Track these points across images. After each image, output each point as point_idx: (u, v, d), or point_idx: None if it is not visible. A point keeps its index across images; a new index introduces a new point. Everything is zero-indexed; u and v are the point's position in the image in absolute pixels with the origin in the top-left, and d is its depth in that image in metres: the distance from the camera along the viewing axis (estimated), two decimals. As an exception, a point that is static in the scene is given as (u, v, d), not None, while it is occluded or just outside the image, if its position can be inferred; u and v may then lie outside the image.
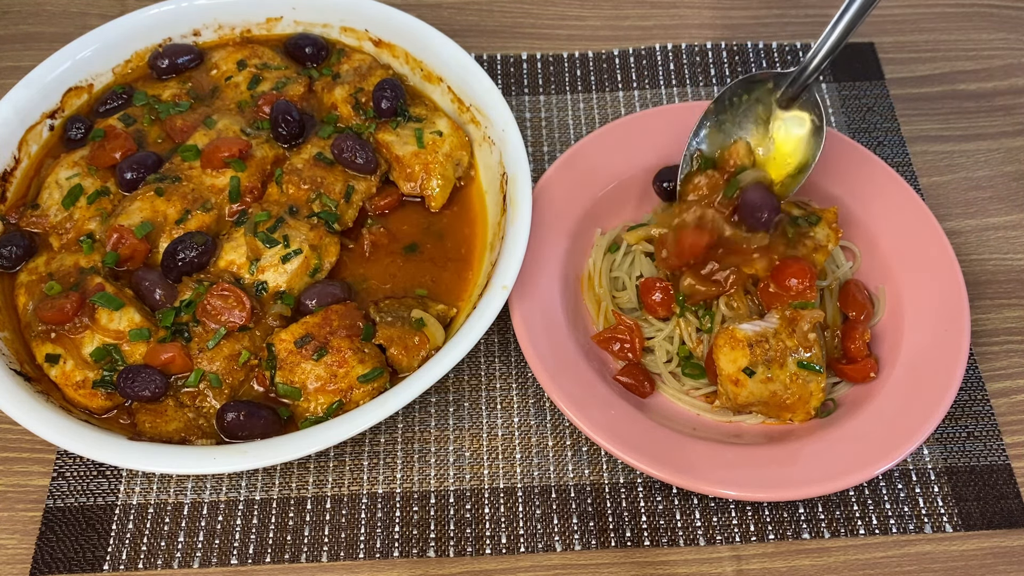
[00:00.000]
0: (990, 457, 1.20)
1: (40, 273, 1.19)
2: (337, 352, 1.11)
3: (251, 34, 1.45)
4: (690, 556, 1.13)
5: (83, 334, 1.12)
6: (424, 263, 1.26)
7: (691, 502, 1.16)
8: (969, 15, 1.65)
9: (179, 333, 1.14)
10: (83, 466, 1.18)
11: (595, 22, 1.64)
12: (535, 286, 1.21)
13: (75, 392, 1.11)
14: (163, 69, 1.38)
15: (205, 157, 1.25)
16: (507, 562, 1.13)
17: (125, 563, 1.12)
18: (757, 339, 1.13)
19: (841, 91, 1.54)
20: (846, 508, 1.16)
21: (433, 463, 1.19)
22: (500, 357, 1.28)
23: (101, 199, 1.24)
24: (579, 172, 1.32)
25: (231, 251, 1.20)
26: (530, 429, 1.22)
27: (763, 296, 1.19)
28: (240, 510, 1.16)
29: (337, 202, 1.25)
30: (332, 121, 1.34)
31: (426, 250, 1.27)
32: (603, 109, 1.53)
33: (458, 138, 1.32)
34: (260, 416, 1.09)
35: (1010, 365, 1.28)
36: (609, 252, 1.31)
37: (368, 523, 1.15)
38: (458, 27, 1.63)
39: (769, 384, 1.13)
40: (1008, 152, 1.49)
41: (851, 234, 1.31)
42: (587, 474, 1.18)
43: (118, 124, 1.31)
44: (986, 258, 1.37)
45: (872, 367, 1.18)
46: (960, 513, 1.16)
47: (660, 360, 1.23)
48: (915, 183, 1.44)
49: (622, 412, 1.13)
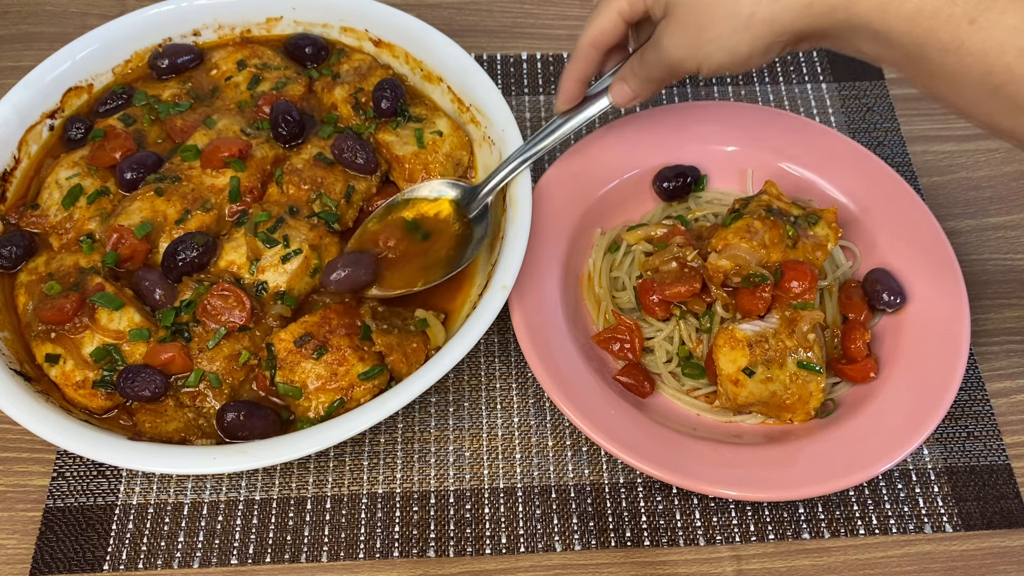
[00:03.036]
0: (990, 457, 1.20)
1: (40, 273, 1.19)
2: (337, 351, 1.11)
3: (251, 34, 1.45)
4: (690, 556, 1.13)
5: (83, 334, 1.12)
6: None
7: (691, 502, 1.16)
8: (969, 15, 1.65)
9: (179, 333, 1.14)
10: (83, 466, 1.18)
11: (595, 22, 1.64)
12: (535, 286, 1.21)
13: (75, 392, 1.11)
14: (163, 69, 1.38)
15: (205, 157, 1.25)
16: (507, 562, 1.13)
17: (125, 563, 1.12)
18: (757, 339, 1.13)
19: (841, 91, 1.54)
20: (846, 508, 1.16)
21: (433, 463, 1.19)
22: (500, 357, 1.28)
23: (101, 199, 1.24)
24: (579, 172, 1.32)
25: (231, 251, 1.20)
26: (530, 429, 1.22)
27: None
28: (240, 510, 1.16)
29: (337, 202, 1.25)
30: (332, 121, 1.34)
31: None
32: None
33: (458, 138, 1.32)
34: (260, 416, 1.09)
35: (1010, 365, 1.28)
36: (609, 252, 1.31)
37: (368, 523, 1.15)
38: (458, 27, 1.63)
39: (769, 384, 1.13)
40: (1008, 152, 1.49)
41: (851, 234, 1.31)
42: (587, 474, 1.18)
43: (118, 124, 1.31)
44: (986, 258, 1.37)
45: (872, 367, 1.18)
46: (960, 513, 1.16)
47: (660, 360, 1.23)
48: (915, 183, 1.44)
49: (622, 412, 1.13)
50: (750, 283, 1.16)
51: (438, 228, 1.25)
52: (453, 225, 1.24)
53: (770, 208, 1.20)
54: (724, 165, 1.37)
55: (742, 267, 1.16)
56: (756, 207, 1.21)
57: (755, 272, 1.16)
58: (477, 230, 1.24)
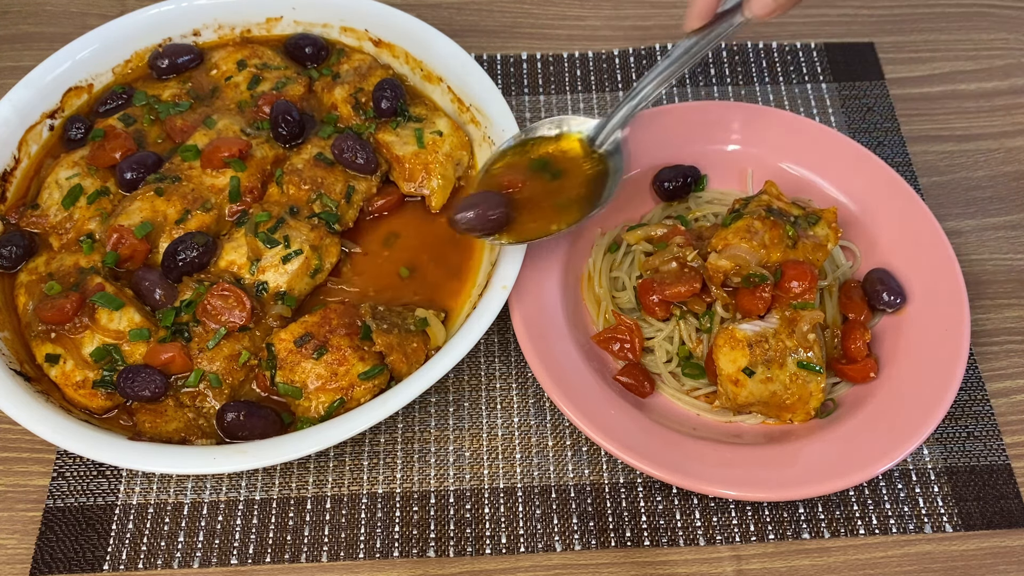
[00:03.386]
0: (990, 457, 1.20)
1: (40, 273, 1.19)
2: (337, 350, 1.11)
3: (251, 34, 1.45)
4: (690, 556, 1.13)
5: (83, 334, 1.12)
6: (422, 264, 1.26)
7: (691, 502, 1.16)
8: (969, 15, 1.65)
9: (179, 333, 1.14)
10: (83, 466, 1.18)
11: (595, 22, 1.64)
12: (535, 286, 1.21)
13: (75, 392, 1.11)
14: (163, 69, 1.38)
15: (205, 157, 1.25)
16: (507, 562, 1.13)
17: (125, 563, 1.12)
18: (757, 339, 1.13)
19: (841, 91, 1.54)
20: (846, 508, 1.16)
21: (433, 463, 1.19)
22: (500, 357, 1.28)
23: (101, 199, 1.24)
24: (579, 172, 1.32)
25: (231, 251, 1.20)
26: (530, 429, 1.22)
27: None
28: (240, 510, 1.16)
29: (338, 202, 1.25)
30: (332, 121, 1.34)
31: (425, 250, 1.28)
32: (603, 109, 1.52)
33: (458, 138, 1.32)
34: (260, 416, 1.09)
35: (1010, 365, 1.28)
36: (609, 252, 1.31)
37: (368, 523, 1.15)
38: (458, 27, 1.63)
39: (769, 384, 1.13)
40: (1008, 152, 1.49)
41: (851, 234, 1.31)
42: (587, 474, 1.18)
43: (118, 124, 1.31)
44: (986, 258, 1.37)
45: (872, 367, 1.18)
46: (960, 513, 1.16)
47: (660, 360, 1.23)
48: (915, 183, 1.44)
49: (622, 412, 1.13)
50: (750, 283, 1.16)
51: (568, 167, 1.16)
52: (583, 163, 1.16)
53: (770, 208, 1.20)
54: (724, 165, 1.37)
55: (742, 267, 1.16)
56: (756, 207, 1.21)
57: (755, 272, 1.16)
58: (613, 162, 1.15)
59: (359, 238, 1.28)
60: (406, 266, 1.26)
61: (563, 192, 1.15)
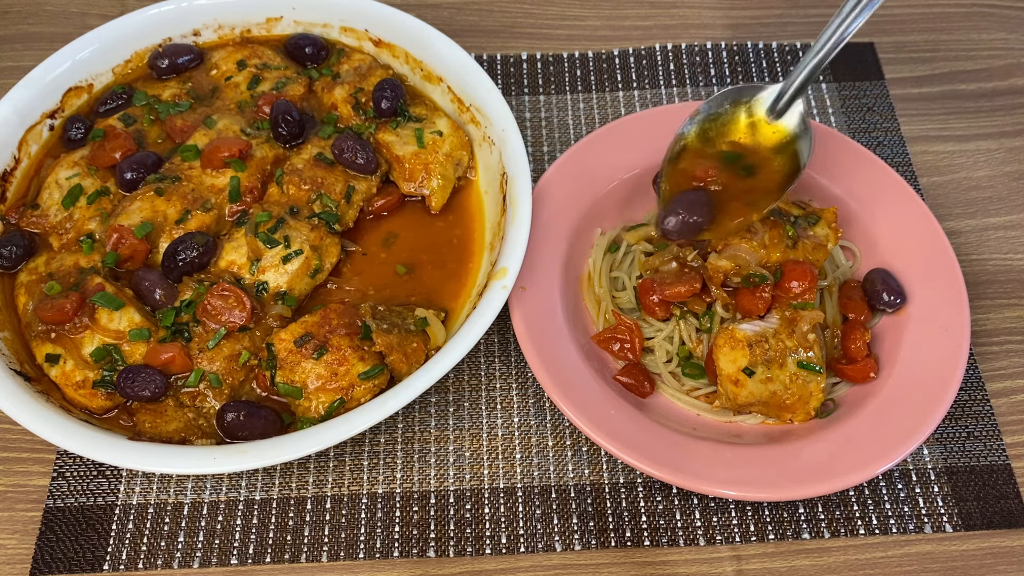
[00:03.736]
0: (990, 457, 1.20)
1: (40, 273, 1.19)
2: (337, 350, 1.11)
3: (251, 34, 1.45)
4: (690, 556, 1.13)
5: (83, 334, 1.12)
6: (423, 263, 1.27)
7: (691, 502, 1.16)
8: (969, 15, 1.65)
9: (179, 333, 1.14)
10: (83, 466, 1.18)
11: (595, 22, 1.64)
12: (535, 286, 1.21)
13: (75, 392, 1.11)
14: (163, 69, 1.38)
15: (205, 157, 1.25)
16: (507, 562, 1.13)
17: (125, 563, 1.12)
18: (757, 339, 1.13)
19: (841, 91, 1.54)
20: (846, 508, 1.16)
21: (433, 463, 1.19)
22: (500, 357, 1.28)
23: (101, 199, 1.24)
24: (579, 172, 1.32)
25: (232, 251, 1.20)
26: (530, 429, 1.22)
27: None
28: (240, 510, 1.16)
29: (338, 202, 1.25)
30: (332, 121, 1.34)
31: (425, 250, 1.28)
32: (603, 109, 1.53)
33: (458, 138, 1.32)
34: (260, 416, 1.09)
35: (1010, 365, 1.28)
36: (609, 252, 1.31)
37: (368, 523, 1.15)
38: (458, 27, 1.63)
39: (769, 384, 1.13)
40: (1008, 152, 1.49)
41: (851, 234, 1.31)
42: (587, 474, 1.18)
43: (118, 124, 1.31)
44: (986, 258, 1.37)
45: (872, 367, 1.18)
46: (960, 513, 1.16)
47: (660, 360, 1.23)
48: (915, 183, 1.44)
49: (622, 412, 1.13)
50: (750, 283, 1.16)
51: (759, 162, 1.17)
52: (774, 159, 1.17)
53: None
54: (724, 165, 1.37)
55: (742, 267, 1.16)
56: (756, 207, 1.21)
57: (755, 272, 1.16)
58: (792, 125, 1.16)
59: (359, 238, 1.28)
60: (406, 266, 1.26)
61: (758, 188, 1.18)
